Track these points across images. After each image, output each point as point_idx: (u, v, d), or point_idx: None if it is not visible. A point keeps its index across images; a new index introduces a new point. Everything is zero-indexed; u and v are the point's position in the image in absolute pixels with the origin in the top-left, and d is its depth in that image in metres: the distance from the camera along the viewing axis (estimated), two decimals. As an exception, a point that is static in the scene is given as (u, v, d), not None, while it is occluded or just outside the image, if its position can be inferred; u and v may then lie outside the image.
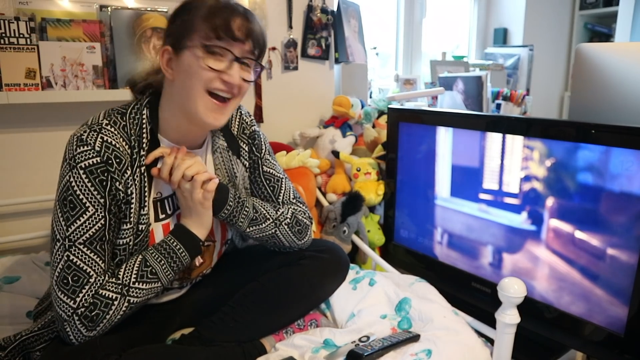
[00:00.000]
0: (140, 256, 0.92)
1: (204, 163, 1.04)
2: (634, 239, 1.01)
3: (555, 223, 1.16)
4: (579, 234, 1.11)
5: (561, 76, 3.18)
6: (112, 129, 0.89)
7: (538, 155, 1.18)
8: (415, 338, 1.02)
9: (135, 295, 0.90)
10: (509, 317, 0.95)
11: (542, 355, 1.24)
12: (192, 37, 0.88)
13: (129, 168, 0.90)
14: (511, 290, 0.93)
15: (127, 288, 0.89)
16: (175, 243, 0.95)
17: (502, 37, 2.92)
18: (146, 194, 0.93)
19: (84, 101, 1.45)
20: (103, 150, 0.86)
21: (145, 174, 0.93)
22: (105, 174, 0.86)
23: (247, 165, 1.12)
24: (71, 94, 1.41)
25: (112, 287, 0.88)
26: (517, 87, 2.63)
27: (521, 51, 2.63)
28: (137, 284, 0.90)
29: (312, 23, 1.96)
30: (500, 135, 1.25)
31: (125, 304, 0.89)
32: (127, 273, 0.90)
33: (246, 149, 1.12)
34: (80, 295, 0.85)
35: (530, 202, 1.20)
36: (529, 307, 1.10)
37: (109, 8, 1.47)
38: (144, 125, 0.93)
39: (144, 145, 0.92)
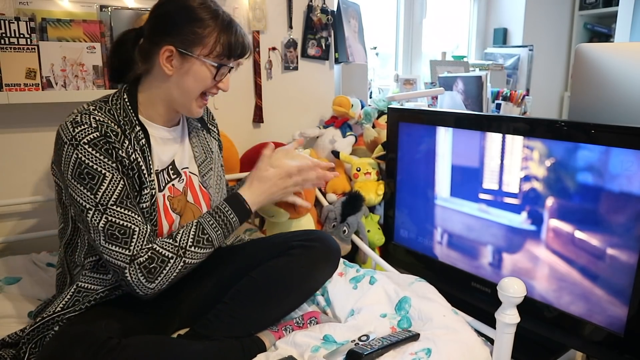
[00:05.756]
0: (196, 222, 1.03)
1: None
2: (634, 239, 1.01)
3: (555, 223, 1.16)
4: (579, 234, 1.11)
5: (561, 76, 3.18)
6: (100, 113, 0.97)
7: (538, 155, 1.18)
8: (414, 337, 1.02)
9: (191, 257, 0.99)
10: (508, 317, 0.95)
11: (542, 355, 1.24)
12: (205, 51, 0.99)
13: (126, 140, 0.98)
14: (511, 290, 0.93)
15: (183, 250, 0.98)
16: (231, 214, 1.07)
17: (502, 37, 2.92)
18: (150, 164, 1.02)
19: (84, 101, 1.44)
20: (99, 126, 0.94)
21: (147, 147, 1.01)
22: (107, 144, 0.94)
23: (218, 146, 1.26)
24: (71, 94, 1.41)
25: (168, 247, 0.97)
26: (517, 87, 2.63)
27: (521, 51, 2.63)
28: (193, 247, 1.00)
29: (312, 23, 1.96)
30: (500, 135, 1.25)
31: (181, 264, 0.98)
32: (184, 237, 1.00)
33: (215, 131, 1.28)
34: (132, 244, 0.94)
35: (530, 202, 1.21)
36: (529, 307, 1.10)
37: (109, 8, 1.47)
38: (128, 109, 1.02)
39: (136, 124, 1.01)
